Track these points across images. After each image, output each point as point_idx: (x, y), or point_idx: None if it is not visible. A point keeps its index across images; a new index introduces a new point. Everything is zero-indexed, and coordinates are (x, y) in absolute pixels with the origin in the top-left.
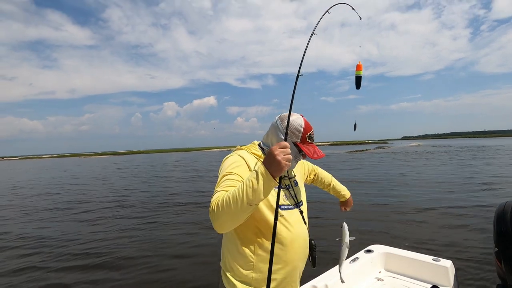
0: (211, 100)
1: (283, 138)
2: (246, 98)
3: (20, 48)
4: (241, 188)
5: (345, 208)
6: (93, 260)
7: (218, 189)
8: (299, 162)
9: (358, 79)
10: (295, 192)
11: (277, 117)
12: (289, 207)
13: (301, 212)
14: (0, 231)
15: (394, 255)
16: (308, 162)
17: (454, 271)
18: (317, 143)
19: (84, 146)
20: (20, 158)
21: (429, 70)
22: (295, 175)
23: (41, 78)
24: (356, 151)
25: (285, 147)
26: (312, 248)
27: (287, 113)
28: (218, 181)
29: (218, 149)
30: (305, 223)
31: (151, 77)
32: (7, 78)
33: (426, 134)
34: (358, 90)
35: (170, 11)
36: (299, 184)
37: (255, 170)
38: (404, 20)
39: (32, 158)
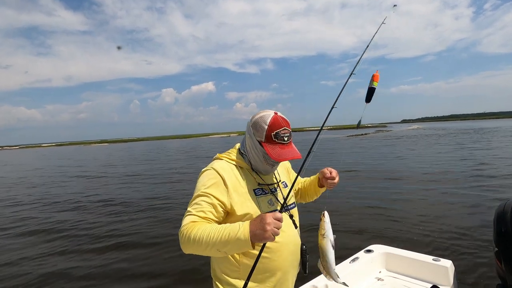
0: (209, 85)
1: (253, 138)
2: (245, 83)
3: (14, 35)
4: (216, 235)
5: (329, 184)
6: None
7: (191, 211)
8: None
9: (371, 91)
10: (283, 194)
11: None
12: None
13: (291, 216)
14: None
15: (394, 255)
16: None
17: (454, 271)
18: (316, 128)
19: (83, 134)
20: (20, 147)
21: (430, 52)
22: (279, 179)
23: (36, 65)
24: (356, 135)
25: (279, 220)
26: (303, 253)
27: (261, 111)
28: (192, 198)
29: (218, 135)
30: (296, 226)
31: (148, 63)
32: (2, 66)
33: (426, 117)
34: (368, 102)
35: None
36: (288, 186)
37: (239, 226)
38: (406, 0)
39: (32, 147)
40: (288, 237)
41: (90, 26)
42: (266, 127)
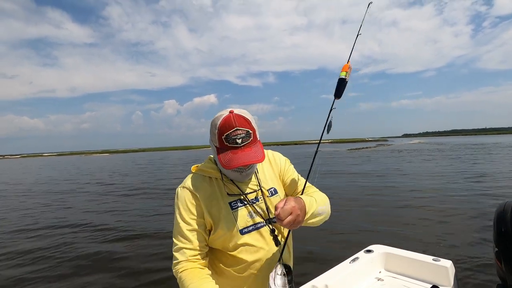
0: (211, 98)
1: (211, 144)
2: (247, 96)
3: (21, 46)
4: None
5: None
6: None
7: (178, 244)
8: (266, 162)
9: (340, 83)
10: (266, 205)
11: None
12: (257, 226)
13: (273, 231)
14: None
15: (394, 255)
16: (281, 158)
17: (454, 271)
18: (316, 141)
19: (85, 145)
20: (21, 157)
21: (430, 67)
22: (262, 186)
23: (41, 76)
24: (356, 149)
25: None
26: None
27: (219, 112)
28: (174, 224)
29: None
30: (278, 243)
31: (152, 75)
32: (8, 77)
33: (427, 132)
34: (338, 99)
35: (171, 8)
36: (279, 192)
37: None
38: (406, 16)
39: (33, 156)
40: (261, 260)
41: (96, 38)
42: (217, 130)
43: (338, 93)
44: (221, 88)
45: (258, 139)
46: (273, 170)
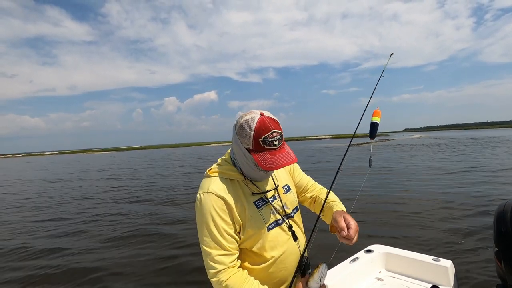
0: (211, 94)
1: (240, 146)
2: (247, 92)
3: (20, 45)
4: None
5: (342, 235)
6: None
7: (212, 252)
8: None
9: (374, 126)
10: (282, 202)
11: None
12: (278, 222)
13: (290, 227)
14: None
15: (394, 255)
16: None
17: (454, 271)
18: (317, 137)
19: (86, 143)
20: (22, 155)
21: (432, 61)
22: (278, 184)
23: (41, 75)
24: (357, 144)
25: None
26: (302, 267)
27: (246, 113)
28: (202, 231)
29: (219, 144)
30: (296, 239)
31: (151, 72)
32: (8, 76)
33: (428, 126)
34: (372, 139)
35: (170, 4)
36: (292, 189)
37: None
38: (407, 9)
39: (35, 155)
40: (285, 254)
41: (95, 36)
42: (252, 133)
43: (372, 135)
44: (221, 84)
45: None
46: (285, 168)
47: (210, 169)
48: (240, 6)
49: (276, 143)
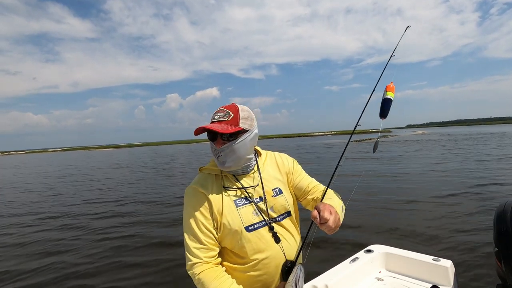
0: (214, 91)
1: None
2: (250, 88)
3: (23, 42)
4: None
5: (320, 219)
6: None
7: (190, 244)
8: (271, 163)
9: (387, 103)
10: (267, 206)
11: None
12: (261, 224)
13: (272, 228)
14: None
15: (394, 255)
16: (288, 159)
17: (454, 271)
18: (319, 133)
19: (89, 140)
20: (26, 152)
21: (435, 57)
22: (266, 185)
23: (44, 72)
24: (359, 140)
25: None
26: (285, 271)
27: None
28: (184, 224)
29: None
30: (279, 241)
31: (154, 69)
32: (11, 73)
33: (431, 122)
34: (384, 119)
35: (172, 0)
36: (284, 193)
37: None
38: (411, 4)
39: (38, 152)
40: (269, 258)
41: (97, 33)
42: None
43: (384, 113)
44: (224, 81)
45: (247, 129)
46: (279, 170)
47: (202, 166)
48: (243, 2)
49: (216, 117)
